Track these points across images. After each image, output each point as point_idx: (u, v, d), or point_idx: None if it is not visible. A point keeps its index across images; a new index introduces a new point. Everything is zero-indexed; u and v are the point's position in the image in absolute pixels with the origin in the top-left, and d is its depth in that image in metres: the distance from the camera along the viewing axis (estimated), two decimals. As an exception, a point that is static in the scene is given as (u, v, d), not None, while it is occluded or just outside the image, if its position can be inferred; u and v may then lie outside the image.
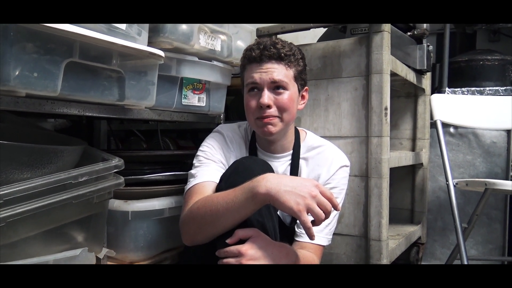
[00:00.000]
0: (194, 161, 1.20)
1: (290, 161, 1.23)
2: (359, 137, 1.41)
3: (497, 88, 2.14)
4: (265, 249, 0.94)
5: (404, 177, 1.96)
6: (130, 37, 1.10)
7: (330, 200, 0.92)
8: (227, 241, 0.96)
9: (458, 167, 2.00)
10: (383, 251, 1.36)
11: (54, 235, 1.02)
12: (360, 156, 1.41)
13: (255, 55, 1.13)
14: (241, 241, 0.96)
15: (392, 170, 1.43)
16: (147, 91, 1.19)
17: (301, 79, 1.19)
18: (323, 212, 0.91)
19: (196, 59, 1.40)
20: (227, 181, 1.05)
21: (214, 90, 1.54)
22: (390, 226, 1.53)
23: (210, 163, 1.17)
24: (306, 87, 1.24)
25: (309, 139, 1.27)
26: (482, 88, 2.16)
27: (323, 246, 1.17)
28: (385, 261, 1.37)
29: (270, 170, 1.10)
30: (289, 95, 1.14)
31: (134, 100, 1.16)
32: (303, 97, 1.24)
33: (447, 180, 1.62)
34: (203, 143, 1.24)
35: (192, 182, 1.13)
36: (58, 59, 0.93)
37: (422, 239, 1.95)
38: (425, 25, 1.70)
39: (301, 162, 1.23)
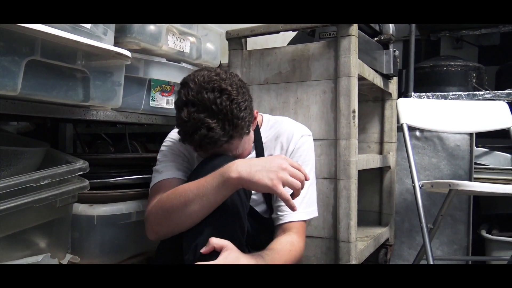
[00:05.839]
0: (158, 156, 1.18)
1: (254, 150, 1.22)
2: (328, 139, 1.42)
3: (460, 93, 2.21)
4: (237, 263, 0.91)
5: (372, 180, 1.99)
6: (96, 36, 1.07)
7: (299, 169, 0.94)
8: (202, 250, 0.93)
9: (424, 170, 2.05)
10: (352, 253, 1.37)
11: (15, 240, 0.98)
12: (329, 158, 1.42)
13: (194, 147, 1.05)
14: (214, 251, 0.93)
15: (361, 173, 1.45)
16: (113, 92, 1.17)
17: (247, 128, 1.07)
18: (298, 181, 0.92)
19: (165, 60, 1.39)
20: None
21: (183, 92, 1.52)
22: (359, 228, 1.55)
23: (176, 158, 1.15)
24: (254, 116, 1.11)
25: (266, 122, 1.27)
26: (446, 93, 2.23)
27: (305, 221, 1.16)
28: (354, 262, 1.38)
29: None
30: (242, 150, 1.09)
31: (99, 101, 1.13)
32: (254, 119, 1.13)
33: (413, 182, 1.66)
34: (165, 139, 1.22)
35: (158, 178, 1.11)
36: (18, 57, 0.89)
37: (390, 241, 1.98)
38: (391, 31, 1.74)
39: (265, 147, 1.22)
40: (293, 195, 0.93)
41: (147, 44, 1.27)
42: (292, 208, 0.92)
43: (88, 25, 1.05)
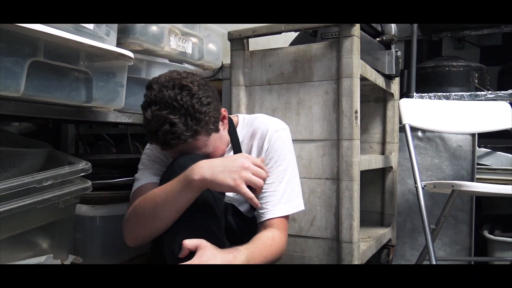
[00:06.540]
0: (138, 165, 1.19)
1: (232, 150, 1.21)
2: (330, 140, 1.42)
3: (462, 93, 2.21)
4: (213, 260, 0.92)
5: (374, 180, 1.99)
6: (98, 37, 1.07)
7: (261, 167, 0.98)
8: (179, 255, 0.94)
9: (426, 170, 2.04)
10: (354, 253, 1.37)
11: (17, 242, 0.98)
12: (331, 159, 1.42)
13: (161, 145, 1.05)
14: (191, 253, 0.93)
15: (363, 174, 1.45)
16: (115, 92, 1.17)
17: (213, 124, 1.06)
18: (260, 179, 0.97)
19: (167, 61, 1.39)
20: (166, 182, 1.03)
21: (185, 93, 1.52)
22: (361, 229, 1.55)
23: (153, 164, 1.17)
24: (222, 114, 1.12)
25: (241, 121, 1.26)
26: (448, 93, 2.23)
27: (287, 216, 1.15)
28: (356, 263, 1.38)
29: None
30: (212, 148, 1.09)
31: (102, 102, 1.13)
32: (223, 118, 1.13)
33: (415, 182, 1.65)
34: (146, 147, 1.22)
35: (135, 185, 1.13)
36: (21, 58, 0.89)
37: (392, 241, 1.98)
38: (393, 31, 1.74)
39: (242, 146, 1.21)
40: (255, 192, 0.97)
41: (149, 45, 1.28)
42: (256, 206, 0.98)
43: (90, 26, 1.05)
